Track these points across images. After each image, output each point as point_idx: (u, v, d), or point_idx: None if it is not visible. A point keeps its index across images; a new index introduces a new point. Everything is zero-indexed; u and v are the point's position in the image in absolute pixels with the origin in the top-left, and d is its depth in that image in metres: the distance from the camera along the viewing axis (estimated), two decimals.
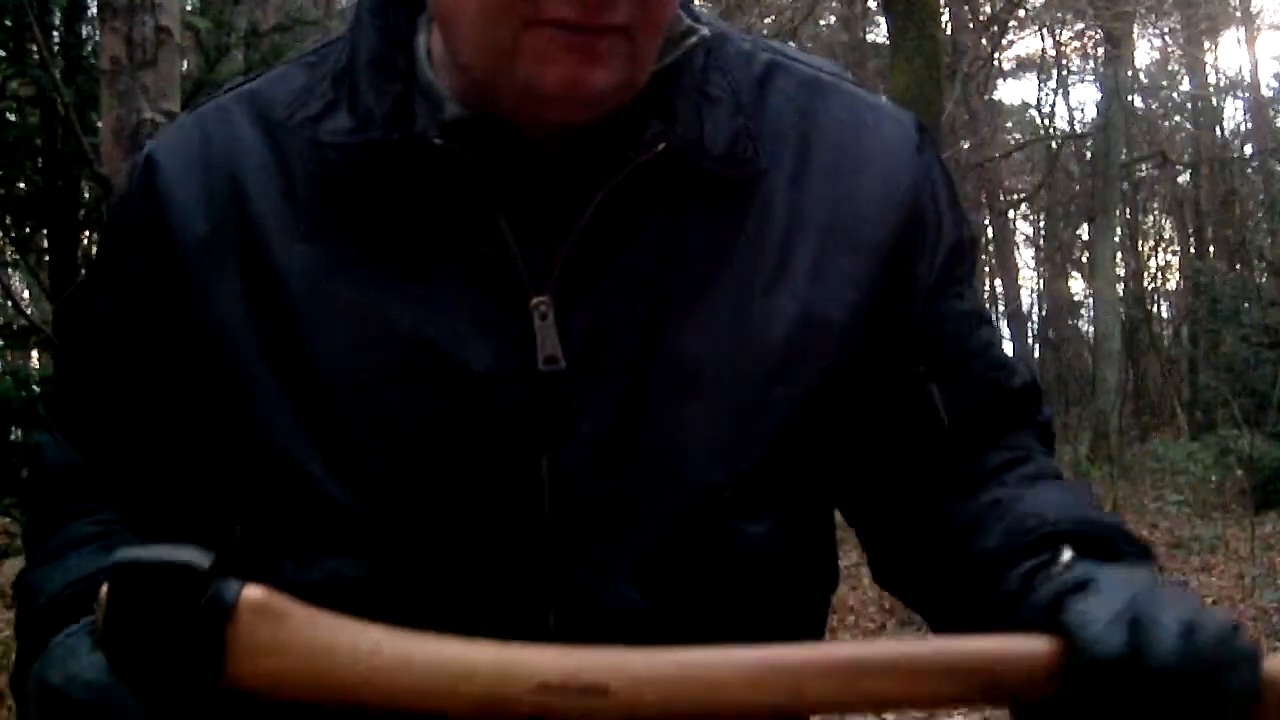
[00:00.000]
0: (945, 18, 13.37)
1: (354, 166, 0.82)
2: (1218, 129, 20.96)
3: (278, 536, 0.84)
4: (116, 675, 0.71)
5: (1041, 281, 23.06)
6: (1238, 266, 17.06)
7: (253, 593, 0.72)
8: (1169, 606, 0.69)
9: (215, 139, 0.87)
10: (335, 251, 0.82)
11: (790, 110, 0.88)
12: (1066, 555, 0.78)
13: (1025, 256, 23.08)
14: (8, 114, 3.99)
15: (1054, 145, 18.71)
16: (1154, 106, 21.15)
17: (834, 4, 17.00)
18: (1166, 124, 21.30)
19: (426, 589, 0.81)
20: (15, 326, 4.32)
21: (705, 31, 0.85)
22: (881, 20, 13.93)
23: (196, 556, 0.72)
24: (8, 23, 3.67)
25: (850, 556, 3.90)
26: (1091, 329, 16.68)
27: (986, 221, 18.63)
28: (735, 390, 0.82)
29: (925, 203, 0.89)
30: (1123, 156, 16.58)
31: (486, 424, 0.81)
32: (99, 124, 3.13)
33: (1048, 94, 20.58)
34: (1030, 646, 0.71)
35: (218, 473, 0.88)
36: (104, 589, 0.71)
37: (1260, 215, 18.17)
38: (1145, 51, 21.77)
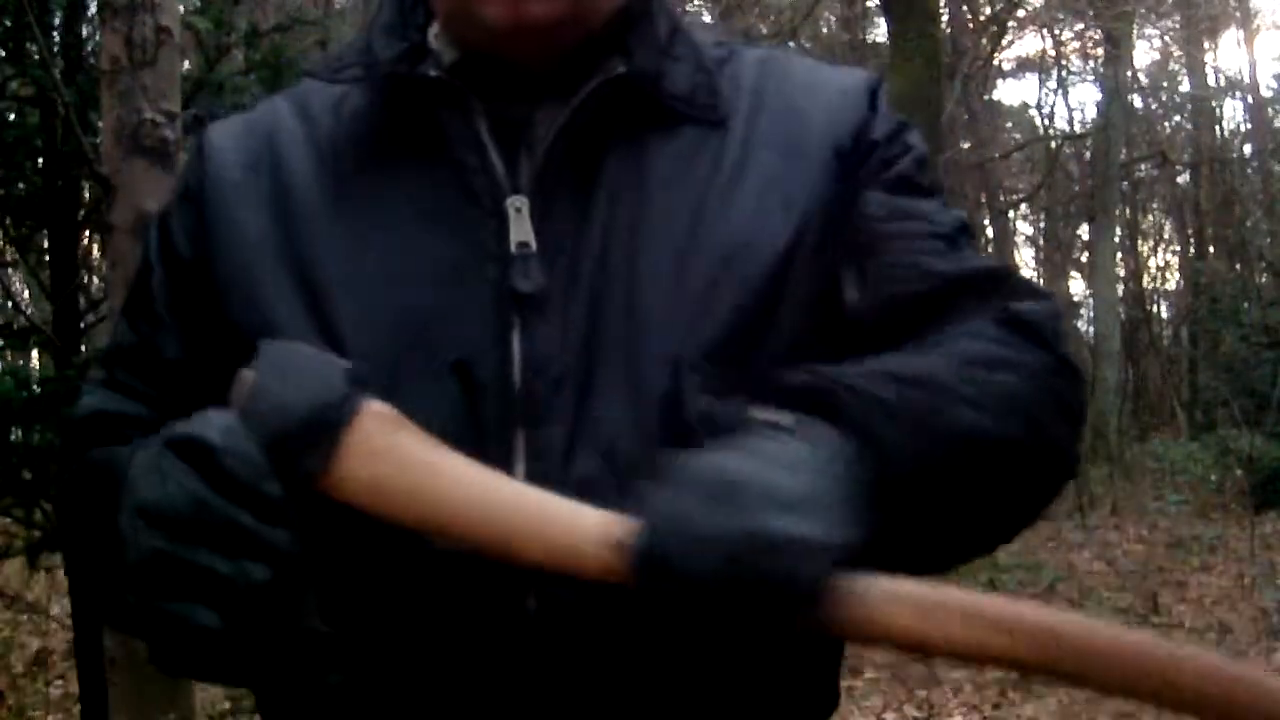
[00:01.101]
0: (945, 18, 13.36)
1: (360, 108, 0.95)
2: (1217, 129, 20.96)
3: None
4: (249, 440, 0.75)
5: (1041, 281, 23.02)
6: (1238, 266, 17.06)
7: (378, 404, 0.77)
8: (710, 512, 0.69)
9: (260, 116, 1.01)
10: (344, 184, 0.94)
11: (749, 74, 0.98)
12: (769, 415, 0.77)
13: (1025, 256, 23.06)
14: (8, 114, 3.99)
15: (1054, 145, 18.70)
16: (1154, 106, 21.15)
17: (834, 4, 16.99)
18: (1166, 124, 21.29)
19: None
20: (15, 326, 4.32)
21: None
22: (881, 20, 13.92)
23: (335, 359, 0.79)
24: (8, 23, 3.67)
25: None
26: (1091, 329, 16.66)
27: (986, 221, 18.62)
28: (692, 277, 0.88)
29: (874, 124, 0.96)
30: (1123, 156, 16.58)
31: (461, 308, 0.88)
32: (99, 124, 3.13)
33: (1048, 94, 20.61)
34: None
35: None
36: (248, 371, 0.77)
37: (1260, 215, 18.17)
38: (1145, 51, 21.78)
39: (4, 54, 3.73)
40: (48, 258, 4.01)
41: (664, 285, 0.88)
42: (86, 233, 4.20)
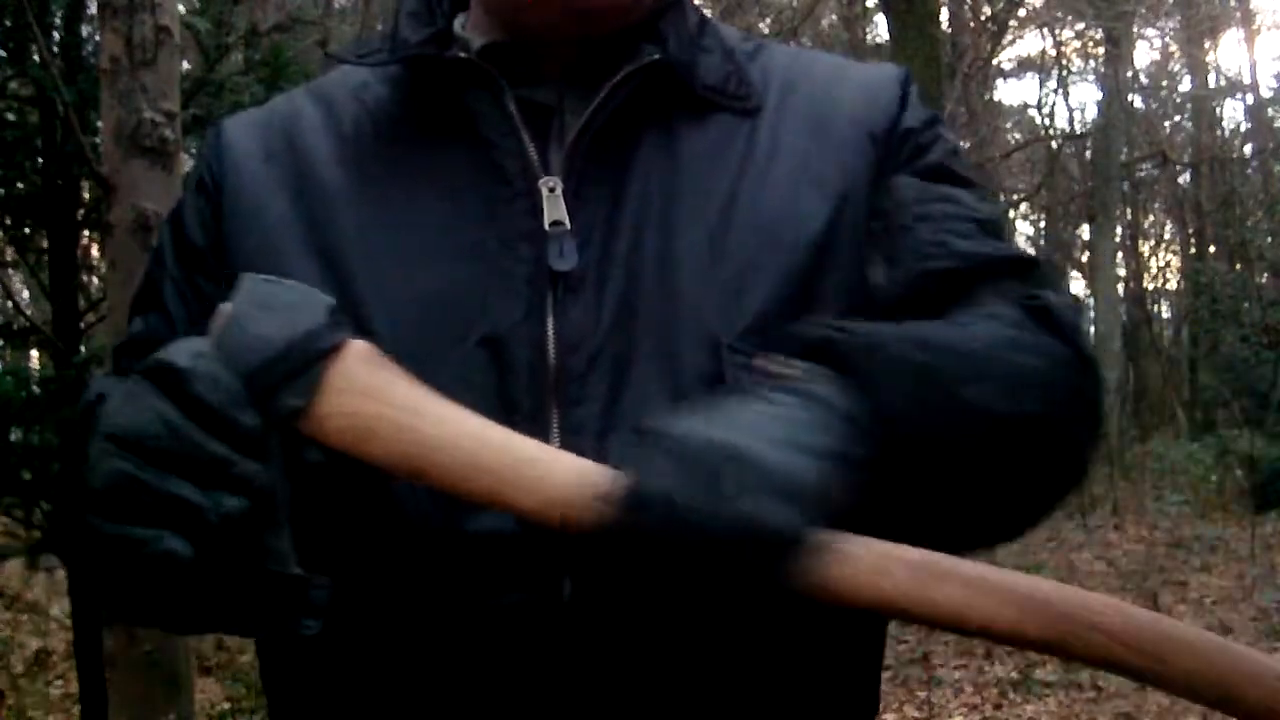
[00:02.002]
0: (945, 18, 13.36)
1: (384, 94, 0.95)
2: (1218, 129, 20.96)
3: None
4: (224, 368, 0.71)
5: None
6: (1238, 266, 17.06)
7: (361, 342, 0.75)
8: (682, 492, 0.67)
9: (278, 109, 1.00)
10: (368, 167, 0.93)
11: (778, 67, 0.98)
12: (779, 366, 0.77)
13: None
14: (8, 114, 3.98)
15: (1054, 145, 18.70)
16: (1154, 106, 21.14)
17: (834, 3, 16.99)
18: (1166, 124, 21.29)
19: None
20: (15, 326, 4.32)
21: None
22: (881, 20, 13.93)
23: (319, 294, 0.76)
24: (8, 23, 3.67)
25: None
26: (1092, 329, 16.67)
27: None
28: (728, 258, 0.88)
29: (899, 116, 0.96)
30: (1123, 156, 16.58)
31: (493, 286, 0.86)
32: (99, 124, 3.13)
33: (1048, 94, 20.60)
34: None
35: None
36: (227, 304, 0.74)
37: (1260, 215, 18.17)
38: (1145, 51, 21.79)
39: (4, 54, 3.73)
40: (48, 258, 4.00)
41: (700, 267, 0.87)
42: (86, 233, 4.20)
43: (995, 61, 17.71)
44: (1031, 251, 0.93)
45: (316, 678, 0.89)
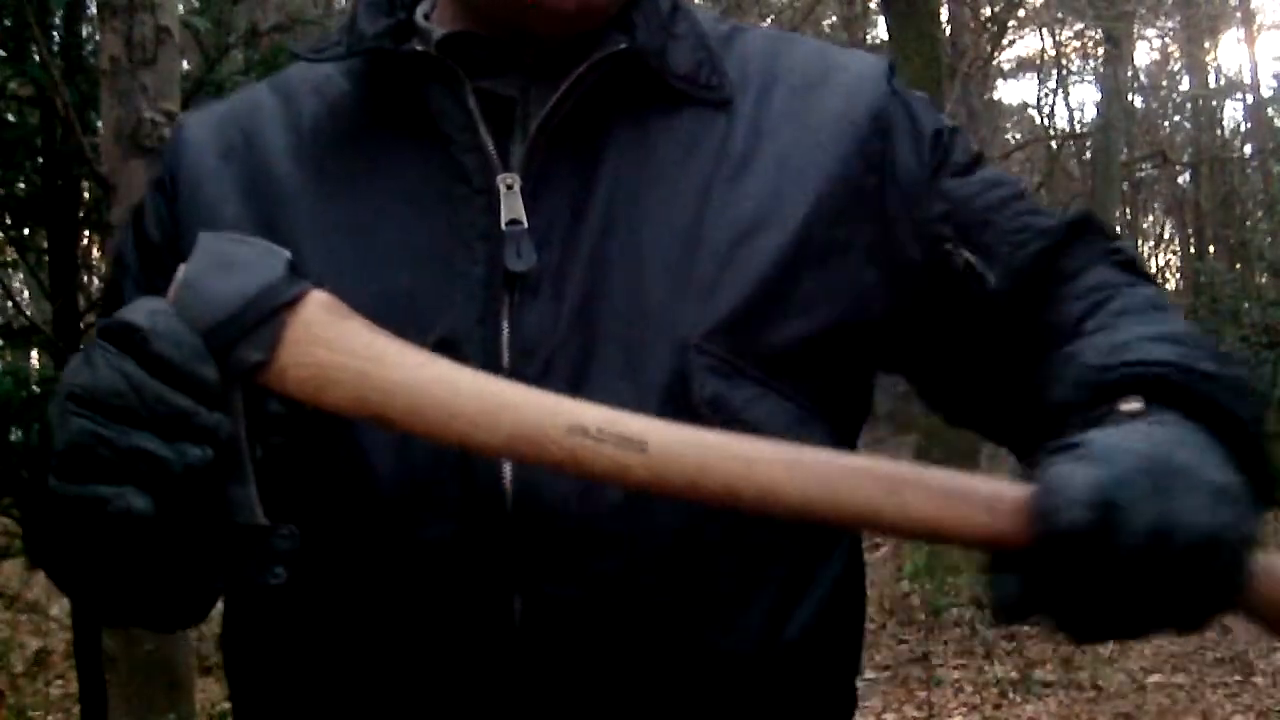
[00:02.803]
0: (945, 18, 13.35)
1: (344, 88, 0.93)
2: (1218, 129, 20.95)
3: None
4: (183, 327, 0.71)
5: None
6: (1238, 266, 17.05)
7: (320, 292, 0.74)
8: (1155, 496, 0.65)
9: (237, 104, 0.98)
10: (326, 164, 0.91)
11: (756, 55, 0.94)
12: (1131, 405, 0.74)
13: None
14: (8, 114, 3.98)
15: (1054, 145, 18.69)
16: (1154, 106, 21.14)
17: (834, 4, 16.99)
18: (1166, 124, 21.29)
19: (374, 433, 0.81)
20: (15, 326, 4.32)
21: None
22: (881, 20, 13.92)
23: (277, 249, 0.75)
24: (8, 23, 3.66)
25: None
26: None
27: None
28: (698, 261, 0.85)
29: (893, 108, 0.93)
30: (1123, 156, 16.57)
31: (449, 288, 0.85)
32: (99, 124, 3.13)
33: (1048, 94, 20.57)
34: (1006, 495, 0.68)
35: None
36: (183, 266, 0.74)
37: (1260, 215, 18.16)
38: (1145, 51, 21.78)
39: (4, 54, 3.73)
40: (48, 258, 4.00)
41: (668, 265, 0.85)
42: (86, 233, 4.20)
43: (995, 61, 17.70)
44: (1075, 212, 0.96)
45: (276, 675, 0.88)
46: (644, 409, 0.76)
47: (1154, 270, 20.99)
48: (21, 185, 3.98)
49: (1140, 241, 20.60)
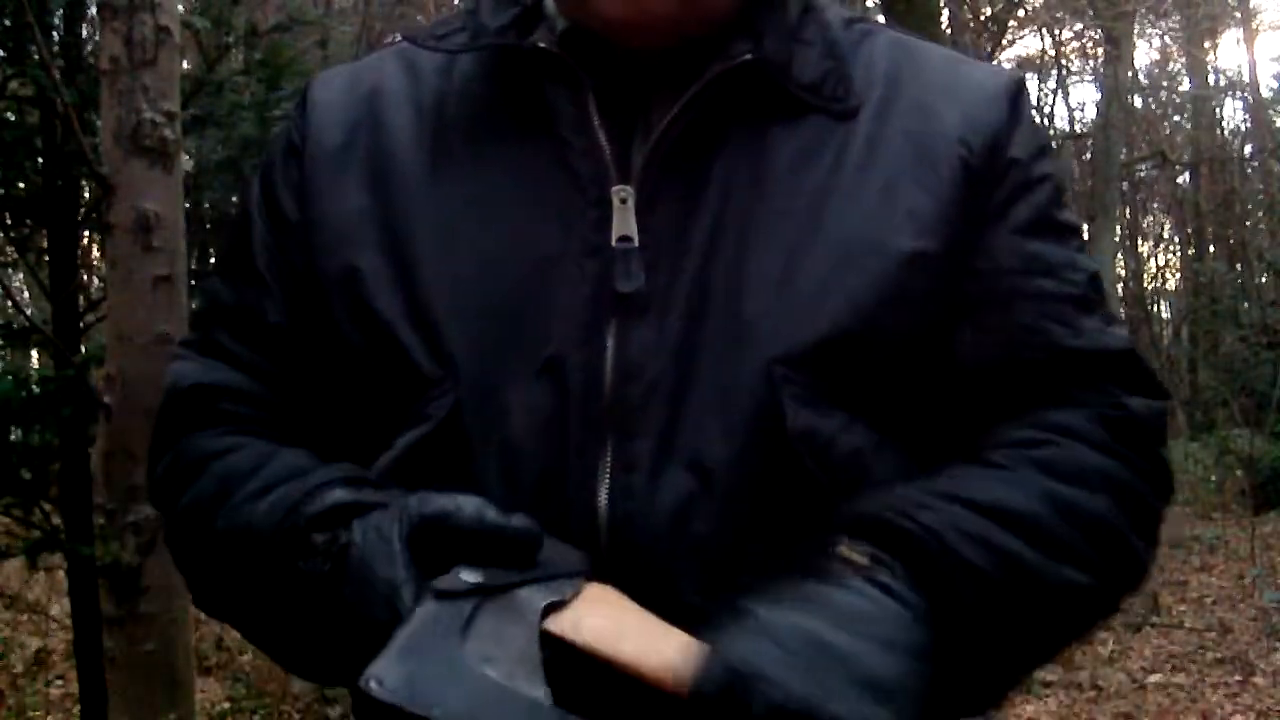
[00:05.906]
0: (945, 18, 13.35)
1: (469, 74, 0.91)
2: (1217, 129, 20.95)
3: (378, 430, 0.87)
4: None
5: None
6: (1238, 266, 17.06)
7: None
8: (800, 677, 0.67)
9: (363, 73, 0.97)
10: (446, 154, 0.90)
11: (883, 59, 0.91)
12: (855, 554, 0.75)
13: None
14: (8, 114, 3.98)
15: (1054, 145, 18.68)
16: (1154, 106, 21.13)
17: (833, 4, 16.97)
18: (1166, 124, 21.28)
19: (485, 455, 0.82)
20: (15, 326, 4.32)
21: None
22: (881, 20, 13.89)
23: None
24: (7, 23, 3.67)
25: None
26: None
27: None
28: (802, 279, 0.83)
29: (1005, 141, 0.89)
30: (1122, 156, 16.57)
31: (558, 299, 0.84)
32: (99, 124, 3.13)
33: (1048, 94, 20.56)
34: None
35: (339, 371, 0.90)
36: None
37: (1260, 215, 18.16)
38: (1145, 51, 21.78)
39: (4, 54, 3.73)
40: (48, 258, 4.00)
41: (770, 289, 0.82)
42: (86, 233, 4.20)
43: (995, 61, 17.69)
44: (1123, 334, 0.89)
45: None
46: (735, 440, 0.80)
47: (1154, 270, 21.00)
48: (21, 185, 3.99)
49: (1140, 241, 20.60)
